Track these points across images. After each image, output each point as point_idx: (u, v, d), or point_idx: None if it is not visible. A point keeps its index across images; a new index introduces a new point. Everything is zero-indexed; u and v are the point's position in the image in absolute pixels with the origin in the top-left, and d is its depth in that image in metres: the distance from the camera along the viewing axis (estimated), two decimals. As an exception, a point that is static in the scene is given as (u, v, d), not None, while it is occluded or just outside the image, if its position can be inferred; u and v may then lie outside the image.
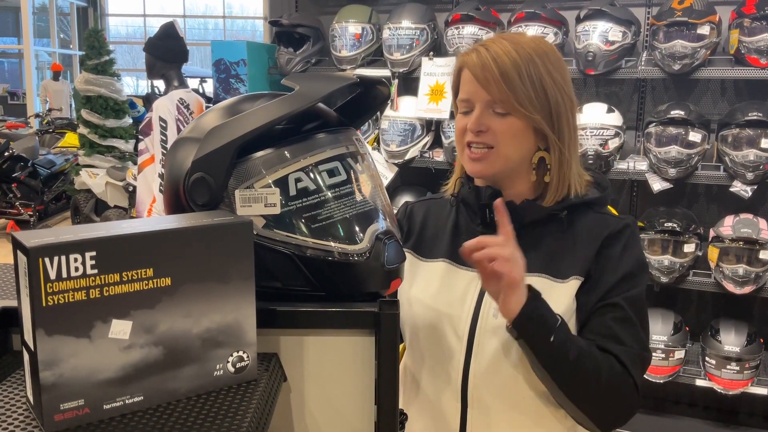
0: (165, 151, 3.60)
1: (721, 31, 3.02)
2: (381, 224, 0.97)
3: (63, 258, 0.68)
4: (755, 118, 2.91)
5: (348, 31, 3.57)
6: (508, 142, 1.19)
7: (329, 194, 0.92)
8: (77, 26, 15.16)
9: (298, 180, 0.90)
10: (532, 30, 3.16)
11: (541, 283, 1.19)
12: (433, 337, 1.27)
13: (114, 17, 17.29)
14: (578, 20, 3.14)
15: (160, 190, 3.59)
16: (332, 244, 0.92)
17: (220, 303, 0.79)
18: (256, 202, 0.90)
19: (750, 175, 2.91)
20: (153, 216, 3.58)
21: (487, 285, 1.13)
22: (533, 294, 1.12)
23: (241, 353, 0.81)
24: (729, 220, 3.05)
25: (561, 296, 1.19)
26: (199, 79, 11.94)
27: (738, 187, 2.95)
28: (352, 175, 0.95)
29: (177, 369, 0.78)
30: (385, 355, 0.91)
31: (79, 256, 0.70)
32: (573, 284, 1.20)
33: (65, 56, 15.55)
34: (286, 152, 0.91)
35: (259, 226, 0.90)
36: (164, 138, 3.59)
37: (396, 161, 3.43)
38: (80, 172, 7.15)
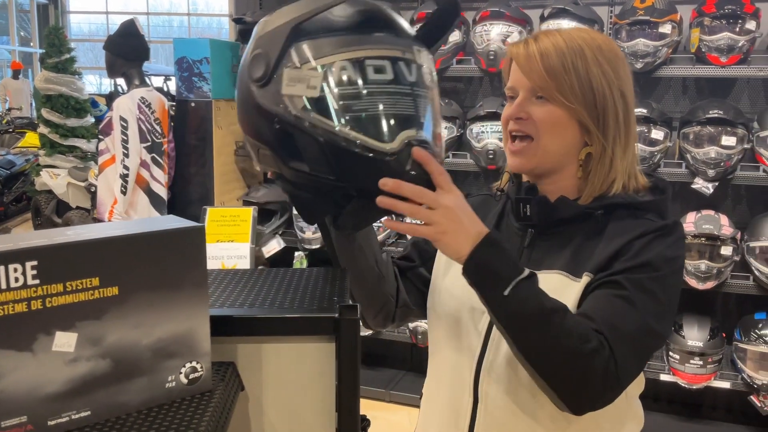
0: (126, 151, 3.52)
1: (683, 29, 3.06)
2: (419, 133, 0.97)
3: (2, 268, 0.65)
4: (716, 115, 2.96)
5: (313, 29, 3.54)
6: (548, 132, 1.16)
7: (370, 88, 0.94)
8: (38, 24, 14.84)
9: (342, 68, 0.93)
10: (497, 29, 3.17)
11: (557, 280, 1.15)
12: (455, 329, 1.25)
13: (76, 14, 16.97)
14: (542, 19, 3.16)
15: (122, 192, 3.52)
16: (360, 136, 0.93)
17: (171, 312, 0.76)
18: (300, 82, 0.93)
19: (711, 172, 2.95)
20: (114, 217, 3.51)
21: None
22: (487, 240, 1.03)
23: (194, 364, 0.79)
24: (691, 217, 3.09)
25: (574, 295, 1.13)
26: (164, 77, 11.76)
27: (700, 184, 2.99)
28: (401, 79, 0.96)
29: (126, 382, 0.74)
30: (346, 361, 0.89)
31: (19, 266, 0.66)
32: (584, 281, 1.14)
33: (25, 54, 15.21)
34: (337, 40, 0.94)
35: (298, 107, 0.93)
36: (125, 138, 3.52)
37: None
38: (41, 173, 6.99)
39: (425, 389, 1.38)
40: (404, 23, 1.04)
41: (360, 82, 0.94)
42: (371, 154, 0.93)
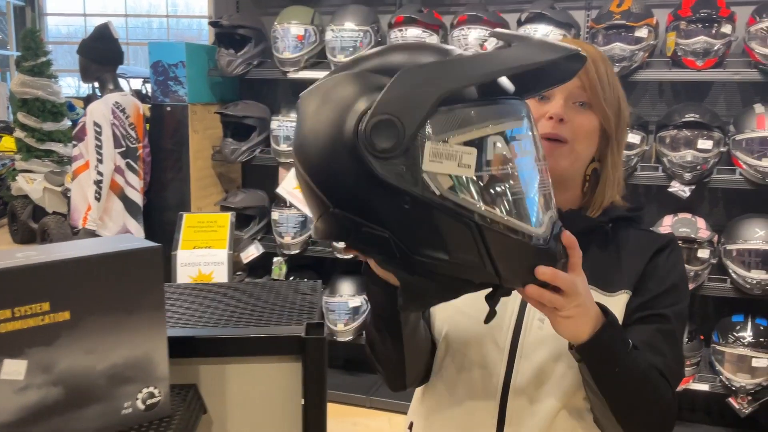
0: (99, 157, 3.47)
1: (659, 33, 3.07)
2: (554, 211, 0.90)
3: (-56, 295, 0.62)
4: (692, 119, 2.96)
5: (290, 33, 3.51)
6: (582, 140, 1.16)
7: (525, 167, 0.84)
8: (14, 26, 14.65)
9: (495, 144, 0.82)
10: (475, 33, 3.16)
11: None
12: (472, 348, 1.20)
13: (54, 16, 16.78)
14: (519, 23, 3.15)
15: (96, 198, 3.47)
16: (517, 221, 0.83)
17: (126, 336, 0.73)
18: (449, 159, 0.79)
19: (688, 176, 2.96)
20: (88, 224, 3.46)
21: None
22: (609, 322, 1.02)
23: (151, 389, 0.76)
24: (668, 220, 3.10)
25: (615, 311, 1.13)
26: (143, 79, 11.65)
27: (676, 187, 3.00)
28: (537, 151, 0.88)
29: (80, 409, 0.72)
30: (312, 380, 0.87)
31: (-37, 292, 0.63)
32: (622, 298, 1.16)
33: (2, 57, 15.01)
34: (480, 111, 0.81)
35: (444, 186, 0.80)
36: (99, 143, 3.47)
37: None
38: (17, 178, 6.91)
39: (424, 407, 1.28)
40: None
41: (512, 159, 0.83)
42: (530, 241, 0.84)
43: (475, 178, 0.80)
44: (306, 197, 0.88)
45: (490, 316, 0.94)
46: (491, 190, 0.82)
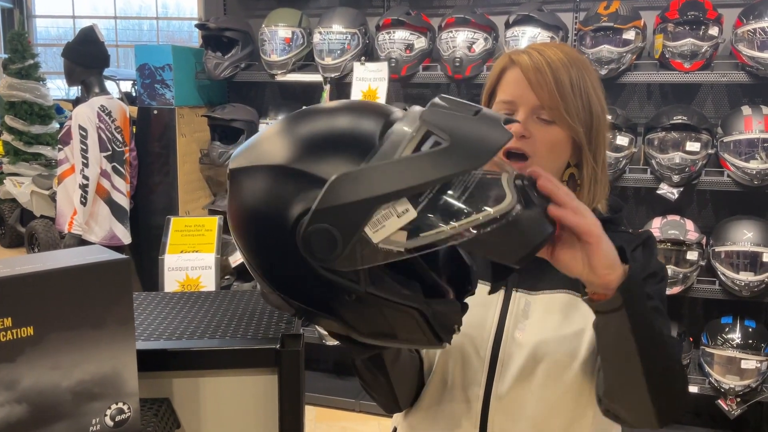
0: (85, 161, 3.44)
1: (646, 35, 3.07)
2: (508, 169, 0.86)
3: None
4: (680, 121, 2.96)
5: (278, 35, 3.50)
6: (546, 154, 1.13)
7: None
8: (1, 28, 14.55)
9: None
10: (462, 35, 3.14)
11: (566, 299, 1.14)
12: (454, 359, 1.18)
13: (42, 18, 16.69)
14: (507, 25, 3.14)
15: (81, 202, 3.43)
16: (488, 210, 0.79)
17: (93, 352, 0.71)
18: (387, 218, 0.77)
19: (676, 178, 2.96)
20: (74, 229, 3.42)
21: (559, 257, 0.93)
22: (621, 249, 0.95)
23: (120, 405, 0.74)
24: (657, 222, 3.10)
25: (589, 312, 1.08)
26: (132, 81, 11.59)
27: (665, 190, 3.00)
28: None
29: (45, 427, 0.70)
30: (288, 393, 0.86)
31: None
32: None
33: (-10, 59, 14.88)
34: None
35: (403, 240, 0.77)
36: (84, 147, 3.43)
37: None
38: (4, 181, 6.86)
39: (409, 415, 1.26)
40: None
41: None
42: (507, 217, 0.80)
43: (420, 215, 0.77)
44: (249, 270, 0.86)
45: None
46: (445, 208, 0.79)
